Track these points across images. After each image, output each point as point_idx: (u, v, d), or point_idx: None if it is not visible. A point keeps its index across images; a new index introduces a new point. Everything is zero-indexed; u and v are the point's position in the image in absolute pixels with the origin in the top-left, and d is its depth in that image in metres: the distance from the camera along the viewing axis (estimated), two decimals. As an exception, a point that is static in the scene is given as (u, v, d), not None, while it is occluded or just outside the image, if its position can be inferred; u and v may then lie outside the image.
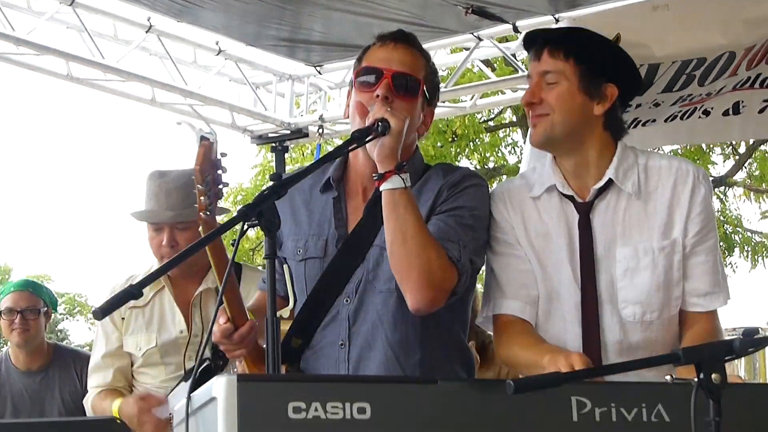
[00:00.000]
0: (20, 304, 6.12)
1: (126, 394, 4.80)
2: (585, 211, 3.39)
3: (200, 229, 3.24)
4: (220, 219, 3.48)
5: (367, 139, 3.19)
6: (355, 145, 3.20)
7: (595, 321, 3.31)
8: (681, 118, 6.46)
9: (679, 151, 14.88)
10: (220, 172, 3.17)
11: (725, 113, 6.34)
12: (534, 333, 3.36)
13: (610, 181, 3.38)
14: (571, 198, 3.41)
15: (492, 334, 3.58)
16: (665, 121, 6.49)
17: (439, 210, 3.37)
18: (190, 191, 4.82)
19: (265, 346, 2.82)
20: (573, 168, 3.42)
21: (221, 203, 3.41)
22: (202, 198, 3.18)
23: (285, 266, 3.09)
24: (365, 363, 3.35)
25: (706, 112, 6.40)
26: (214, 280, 4.75)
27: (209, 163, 3.14)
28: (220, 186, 3.19)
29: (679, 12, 6.49)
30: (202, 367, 4.62)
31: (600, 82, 3.38)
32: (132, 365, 4.85)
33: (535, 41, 3.47)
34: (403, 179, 3.18)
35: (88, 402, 4.92)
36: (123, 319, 4.82)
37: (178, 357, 4.76)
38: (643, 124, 6.52)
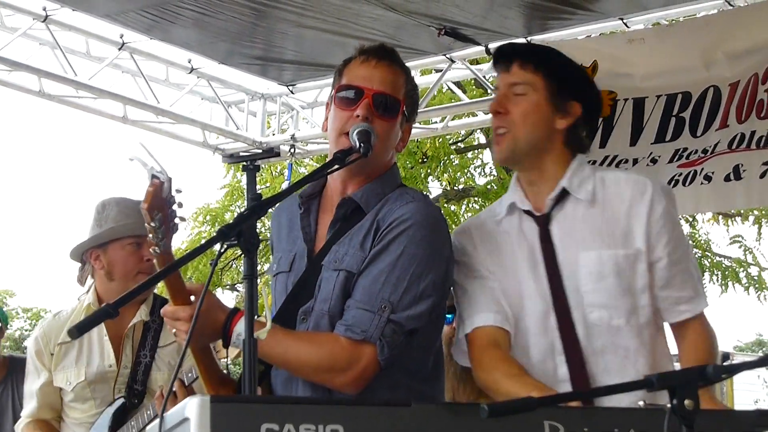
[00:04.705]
0: None
1: (54, 425, 4.82)
2: (544, 223, 3.42)
3: (155, 263, 3.22)
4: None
5: (348, 160, 3.17)
6: (337, 167, 3.17)
7: (571, 327, 3.32)
8: (684, 184, 6.43)
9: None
10: (175, 207, 3.12)
11: (726, 178, 6.32)
12: (515, 361, 3.33)
13: (565, 192, 3.41)
14: (529, 213, 3.45)
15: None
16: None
17: (370, 258, 3.26)
18: None
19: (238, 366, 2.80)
20: (531, 180, 3.47)
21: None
22: (150, 235, 3.14)
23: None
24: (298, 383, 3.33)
25: (708, 177, 6.38)
26: (147, 313, 4.78)
27: (159, 202, 3.08)
28: (174, 222, 3.14)
29: (656, 45, 6.54)
30: (117, 406, 4.64)
31: (566, 99, 3.44)
32: (63, 399, 4.81)
33: (505, 54, 3.52)
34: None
35: (18, 428, 4.93)
36: (52, 355, 4.79)
37: (107, 390, 4.72)
38: None
